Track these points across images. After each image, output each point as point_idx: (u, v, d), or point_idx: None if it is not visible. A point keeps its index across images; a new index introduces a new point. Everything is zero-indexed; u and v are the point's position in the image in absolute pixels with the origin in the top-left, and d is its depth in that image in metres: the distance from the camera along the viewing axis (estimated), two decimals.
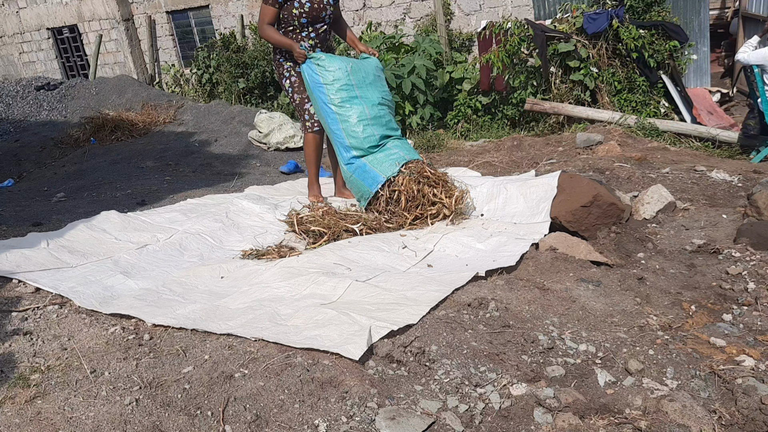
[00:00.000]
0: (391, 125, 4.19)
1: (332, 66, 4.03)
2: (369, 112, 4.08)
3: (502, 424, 1.98)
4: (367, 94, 4.11)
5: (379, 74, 4.29)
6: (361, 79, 4.10)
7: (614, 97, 7.10)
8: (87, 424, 1.89)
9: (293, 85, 4.28)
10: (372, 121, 4.07)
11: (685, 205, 3.89)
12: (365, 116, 4.06)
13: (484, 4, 9.82)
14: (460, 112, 8.23)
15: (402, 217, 3.76)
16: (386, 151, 4.06)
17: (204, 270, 3.21)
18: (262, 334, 2.37)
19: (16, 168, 7.66)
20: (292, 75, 4.26)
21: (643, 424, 1.94)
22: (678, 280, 2.98)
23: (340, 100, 4.04)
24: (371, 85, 4.14)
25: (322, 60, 4.03)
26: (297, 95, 4.30)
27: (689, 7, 8.47)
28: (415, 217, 3.77)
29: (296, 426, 1.91)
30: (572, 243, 3.23)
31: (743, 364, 2.23)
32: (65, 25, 12.95)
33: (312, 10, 4.07)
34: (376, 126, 4.07)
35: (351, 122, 4.03)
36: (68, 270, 3.13)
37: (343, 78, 4.04)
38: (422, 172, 3.88)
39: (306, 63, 4.06)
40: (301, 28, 4.11)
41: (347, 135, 4.07)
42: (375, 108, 4.10)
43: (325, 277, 2.91)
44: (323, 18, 4.14)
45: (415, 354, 2.28)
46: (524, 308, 2.65)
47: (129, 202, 4.97)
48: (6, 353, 2.31)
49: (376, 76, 4.22)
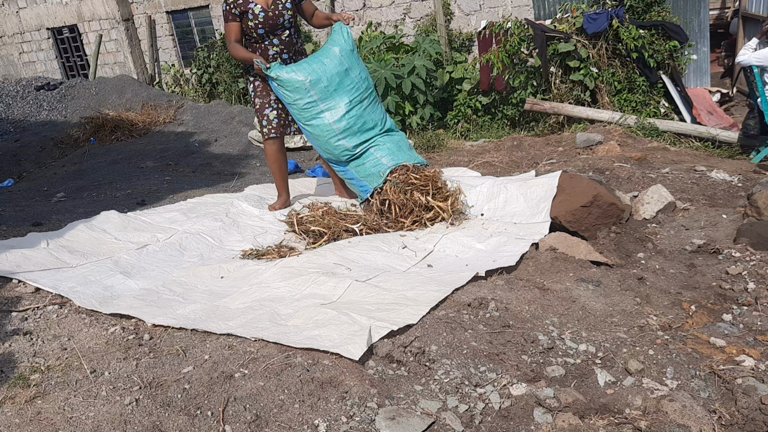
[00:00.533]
0: (367, 126, 4.03)
1: (290, 85, 3.92)
2: (336, 126, 3.96)
3: (502, 424, 1.98)
4: (333, 104, 3.96)
5: (345, 68, 4.02)
6: (323, 90, 3.94)
7: (614, 97, 7.10)
8: (87, 424, 1.89)
9: (256, 89, 4.20)
10: (342, 134, 3.97)
11: (685, 205, 3.89)
12: (333, 131, 3.96)
13: (484, 4, 9.83)
14: (460, 112, 8.23)
15: (399, 223, 3.75)
16: (370, 157, 3.98)
17: (204, 270, 3.21)
18: (262, 334, 2.37)
19: (16, 168, 7.66)
20: (256, 79, 4.18)
21: (643, 424, 1.94)
22: (678, 280, 2.98)
23: (306, 119, 3.99)
24: (336, 92, 3.97)
25: (280, 79, 3.92)
26: (258, 99, 4.21)
27: (689, 7, 8.47)
28: (413, 221, 3.76)
29: (296, 426, 1.91)
30: (572, 243, 3.23)
31: (743, 364, 2.23)
32: (65, 25, 12.94)
33: (267, 19, 3.97)
34: (348, 137, 3.97)
35: (322, 139, 3.99)
36: (68, 270, 3.13)
37: (304, 95, 3.93)
38: (407, 181, 3.83)
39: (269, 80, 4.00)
40: (261, 39, 4.05)
41: (323, 150, 4.06)
42: (344, 119, 3.96)
43: (325, 277, 2.91)
44: (282, 24, 4.04)
45: (415, 354, 2.28)
46: (524, 308, 2.65)
47: (129, 202, 4.97)
48: (6, 353, 2.31)
49: (340, 75, 3.99)
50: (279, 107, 4.19)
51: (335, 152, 4.01)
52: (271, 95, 4.16)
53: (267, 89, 4.15)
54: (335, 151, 4.00)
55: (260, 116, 4.23)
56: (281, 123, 4.23)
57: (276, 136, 4.22)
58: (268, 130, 4.22)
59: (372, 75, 8.12)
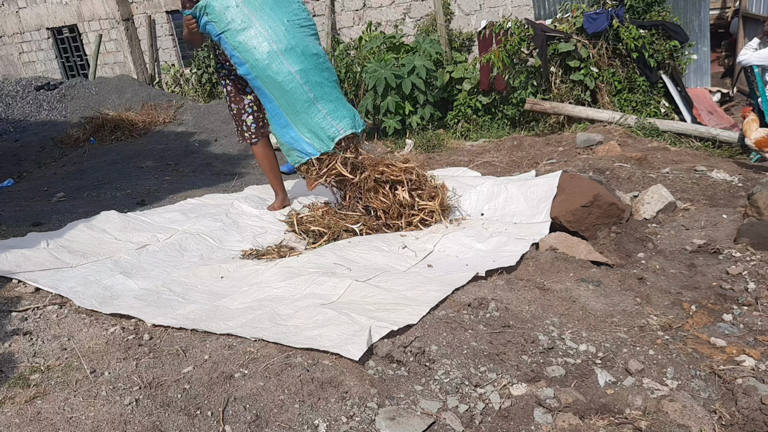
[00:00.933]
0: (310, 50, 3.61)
1: (218, 4, 3.51)
2: (276, 45, 3.51)
3: (502, 424, 1.98)
4: (270, 20, 3.54)
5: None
6: (257, 7, 3.53)
7: (614, 97, 7.10)
8: (87, 424, 1.89)
9: (229, 94, 4.09)
10: (285, 55, 3.53)
11: (686, 205, 3.89)
12: (273, 49, 3.52)
13: (484, 3, 9.82)
14: (460, 112, 8.23)
15: (394, 227, 3.72)
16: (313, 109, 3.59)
17: (204, 270, 3.21)
18: (262, 334, 2.37)
19: (16, 168, 7.65)
20: (227, 84, 4.08)
21: (644, 424, 1.94)
22: (678, 280, 2.98)
23: (241, 42, 3.53)
24: (273, 11, 3.57)
25: (209, 5, 3.53)
26: (234, 105, 4.12)
27: (689, 6, 8.46)
28: (407, 223, 3.72)
29: (296, 426, 1.91)
30: (572, 243, 3.23)
31: (743, 364, 2.23)
32: (65, 25, 12.94)
33: None
34: (291, 59, 3.53)
35: (261, 62, 3.53)
36: (68, 270, 3.13)
37: (237, 13, 3.51)
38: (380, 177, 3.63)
39: (201, 23, 3.62)
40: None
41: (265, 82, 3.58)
42: (286, 35, 3.53)
43: (325, 277, 2.91)
44: None
45: (415, 354, 2.28)
46: (524, 308, 2.65)
47: (129, 202, 4.97)
48: (6, 353, 2.31)
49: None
50: (255, 110, 4.13)
51: (278, 78, 3.52)
52: (245, 99, 4.08)
53: (240, 93, 4.07)
54: (278, 77, 3.52)
55: (239, 122, 4.18)
56: (259, 125, 4.19)
57: (258, 139, 4.20)
58: (249, 135, 4.18)
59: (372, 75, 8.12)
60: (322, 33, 10.71)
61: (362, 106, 8.69)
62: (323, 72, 3.70)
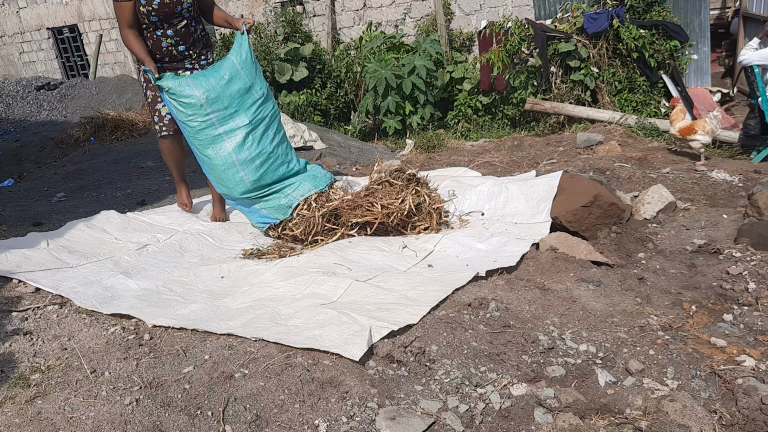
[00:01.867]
0: (272, 160, 3.57)
1: (185, 98, 3.43)
2: (237, 157, 3.49)
3: (502, 424, 1.98)
4: (233, 127, 3.50)
5: (247, 85, 3.56)
6: (222, 111, 3.48)
7: (615, 97, 7.11)
8: (87, 424, 1.89)
9: (147, 80, 3.70)
10: (243, 166, 3.50)
11: (686, 205, 3.89)
12: (232, 162, 3.50)
13: (484, 3, 9.82)
14: (461, 112, 8.24)
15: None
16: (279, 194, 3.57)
17: (204, 270, 3.21)
18: (262, 334, 2.37)
19: (16, 168, 7.66)
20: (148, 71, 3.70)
21: (644, 424, 1.94)
22: (678, 280, 2.98)
23: (201, 144, 3.52)
24: (237, 114, 3.52)
25: (173, 91, 3.45)
26: (150, 92, 3.73)
27: (690, 7, 8.46)
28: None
29: (296, 426, 1.91)
30: (573, 243, 3.23)
31: (744, 365, 2.23)
32: (65, 25, 12.95)
33: (163, 6, 3.47)
34: (247, 170, 3.51)
35: (218, 170, 3.54)
36: (68, 270, 3.13)
37: (199, 113, 3.45)
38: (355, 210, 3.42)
39: (162, 90, 3.51)
40: (155, 27, 3.56)
41: (217, 181, 3.60)
42: (245, 147, 3.50)
43: (325, 277, 2.91)
44: (179, 13, 3.55)
45: (416, 354, 2.28)
46: (525, 308, 2.65)
47: (129, 202, 4.97)
48: (6, 353, 2.31)
49: (241, 94, 3.54)
50: None
51: (232, 187, 3.54)
52: None
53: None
54: (232, 186, 3.53)
55: (152, 110, 3.77)
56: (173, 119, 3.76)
57: (169, 134, 3.79)
58: (160, 127, 3.78)
59: (372, 75, 8.12)
60: (322, 33, 10.71)
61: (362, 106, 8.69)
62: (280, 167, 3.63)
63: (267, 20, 10.95)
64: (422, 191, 3.59)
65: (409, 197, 3.51)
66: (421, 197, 3.56)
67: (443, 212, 3.69)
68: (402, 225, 3.56)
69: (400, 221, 3.52)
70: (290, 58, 9.40)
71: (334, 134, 7.52)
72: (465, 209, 3.88)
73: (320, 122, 9.19)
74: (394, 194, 3.52)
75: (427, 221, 3.58)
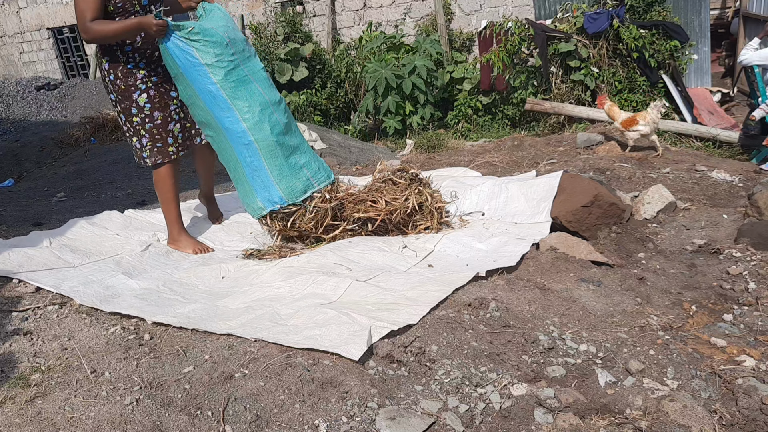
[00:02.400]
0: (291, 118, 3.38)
1: (211, 37, 3.05)
2: (268, 97, 3.22)
3: (502, 424, 1.98)
4: (252, 69, 3.23)
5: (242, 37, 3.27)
6: (240, 53, 3.17)
7: (615, 97, 7.11)
8: (87, 424, 1.89)
9: (152, 99, 3.22)
10: (274, 106, 3.25)
11: (686, 205, 3.89)
12: (265, 100, 3.20)
13: (484, 3, 9.83)
14: (461, 112, 8.24)
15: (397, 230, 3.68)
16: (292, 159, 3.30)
17: (205, 270, 3.22)
18: (262, 334, 2.37)
19: (16, 168, 7.66)
20: (149, 87, 3.21)
21: (644, 424, 1.94)
22: (679, 280, 2.98)
23: (232, 86, 3.13)
24: (251, 58, 3.25)
25: (199, 29, 3.03)
26: (158, 113, 3.25)
27: (690, 6, 8.46)
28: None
29: (296, 426, 1.91)
30: (573, 243, 3.23)
31: (744, 365, 2.23)
32: (65, 25, 12.95)
33: None
34: (278, 111, 3.26)
35: (254, 111, 3.17)
36: (70, 270, 3.13)
37: (226, 53, 3.10)
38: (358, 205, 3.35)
39: (171, 38, 3.03)
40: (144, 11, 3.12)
41: (253, 125, 3.18)
42: (271, 89, 3.28)
43: (325, 277, 2.91)
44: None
45: (416, 354, 2.28)
46: (525, 308, 2.65)
47: (129, 202, 4.97)
48: (6, 353, 2.31)
49: (243, 41, 3.26)
50: (182, 116, 3.38)
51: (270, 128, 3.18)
52: (171, 106, 3.31)
53: (164, 97, 3.28)
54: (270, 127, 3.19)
55: (163, 134, 3.27)
56: (185, 136, 3.43)
57: (183, 152, 3.39)
58: (176, 148, 3.33)
59: (372, 75, 8.13)
60: (322, 33, 10.72)
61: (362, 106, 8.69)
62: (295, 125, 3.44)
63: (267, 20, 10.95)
64: (425, 191, 3.60)
65: (413, 196, 3.52)
66: (423, 196, 3.57)
67: (444, 212, 3.70)
68: (403, 223, 3.57)
69: (402, 219, 3.53)
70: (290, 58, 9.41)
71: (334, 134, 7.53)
72: (465, 209, 3.88)
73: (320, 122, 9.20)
74: (397, 192, 3.53)
75: (428, 220, 3.59)
